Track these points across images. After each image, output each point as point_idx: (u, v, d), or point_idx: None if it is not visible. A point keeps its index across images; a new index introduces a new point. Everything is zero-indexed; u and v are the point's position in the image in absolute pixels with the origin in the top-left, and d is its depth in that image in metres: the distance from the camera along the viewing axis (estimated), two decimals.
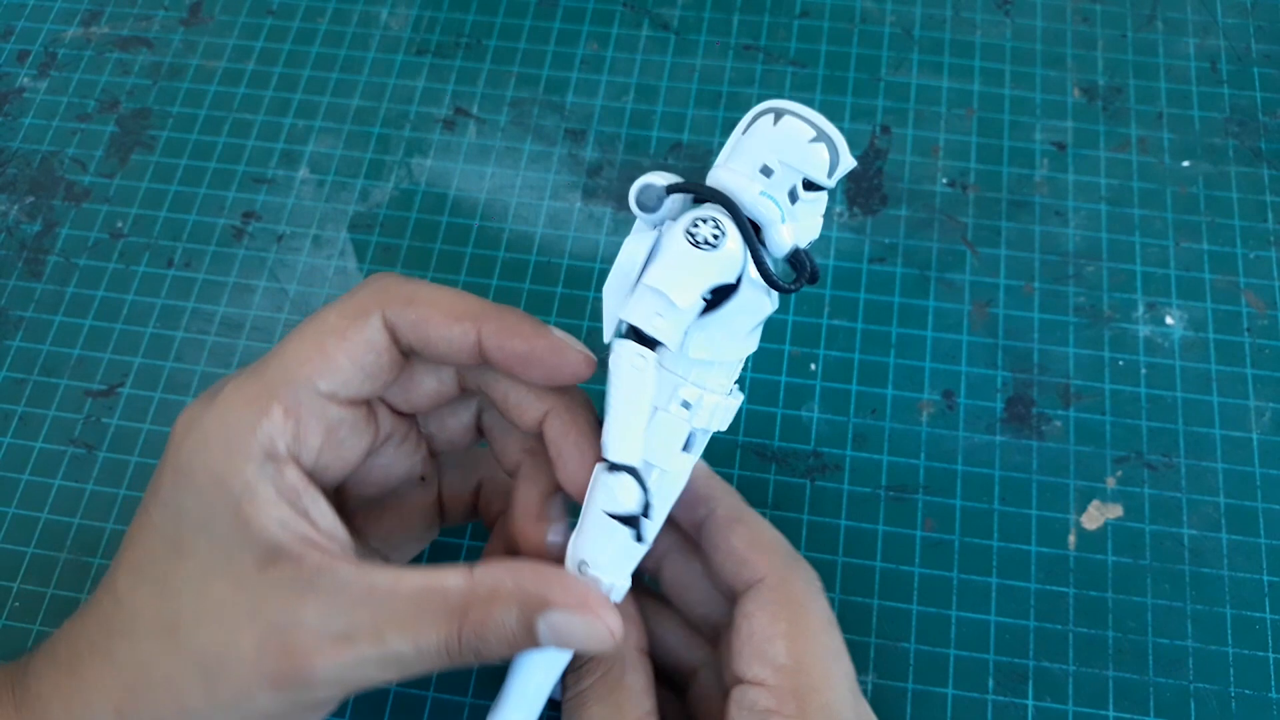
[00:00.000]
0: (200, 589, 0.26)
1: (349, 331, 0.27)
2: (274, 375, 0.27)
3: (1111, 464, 0.38)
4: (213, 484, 0.26)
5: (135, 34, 0.49)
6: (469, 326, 0.27)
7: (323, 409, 0.27)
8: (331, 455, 0.28)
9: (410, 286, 0.28)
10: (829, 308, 0.41)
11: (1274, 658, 0.35)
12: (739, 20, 0.48)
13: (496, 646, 0.26)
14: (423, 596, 0.26)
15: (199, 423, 0.26)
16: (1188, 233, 0.42)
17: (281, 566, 0.25)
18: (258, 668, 0.25)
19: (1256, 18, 0.47)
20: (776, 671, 0.26)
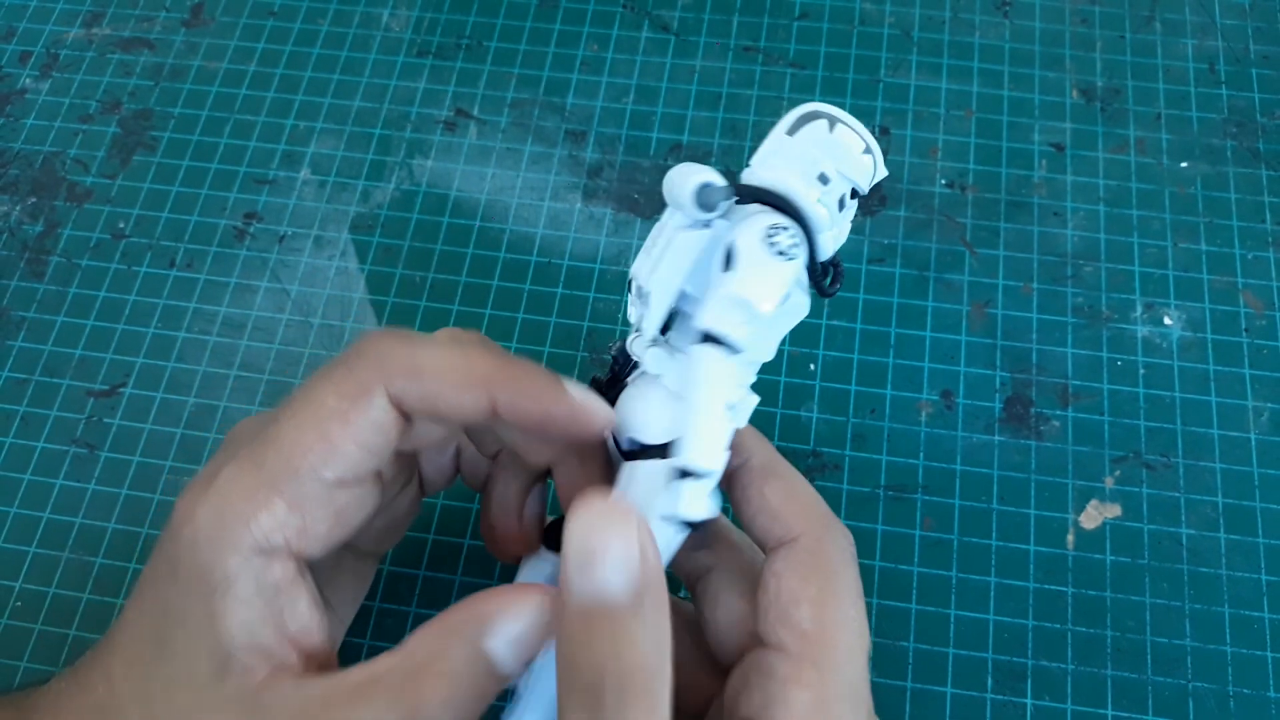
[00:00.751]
0: (170, 696, 0.24)
1: (351, 415, 0.25)
2: (275, 466, 0.25)
3: (1110, 464, 0.38)
4: (195, 577, 0.24)
5: (137, 35, 0.49)
6: (480, 394, 0.26)
7: (329, 497, 0.25)
8: (341, 534, 0.27)
9: (410, 352, 0.26)
10: (828, 308, 0.41)
11: (1272, 657, 0.35)
12: (738, 22, 0.48)
13: (460, 703, 0.23)
14: (361, 687, 0.23)
15: (194, 514, 0.25)
16: (1186, 233, 0.42)
17: (232, 678, 0.24)
18: None
19: (1255, 19, 0.47)
20: (800, 638, 0.25)
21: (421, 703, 0.23)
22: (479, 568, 0.37)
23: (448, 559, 0.37)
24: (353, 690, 0.23)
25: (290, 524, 0.25)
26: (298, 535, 0.25)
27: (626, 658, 0.22)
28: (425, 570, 0.37)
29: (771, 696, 0.24)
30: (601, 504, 0.23)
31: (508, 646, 0.23)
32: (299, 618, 0.25)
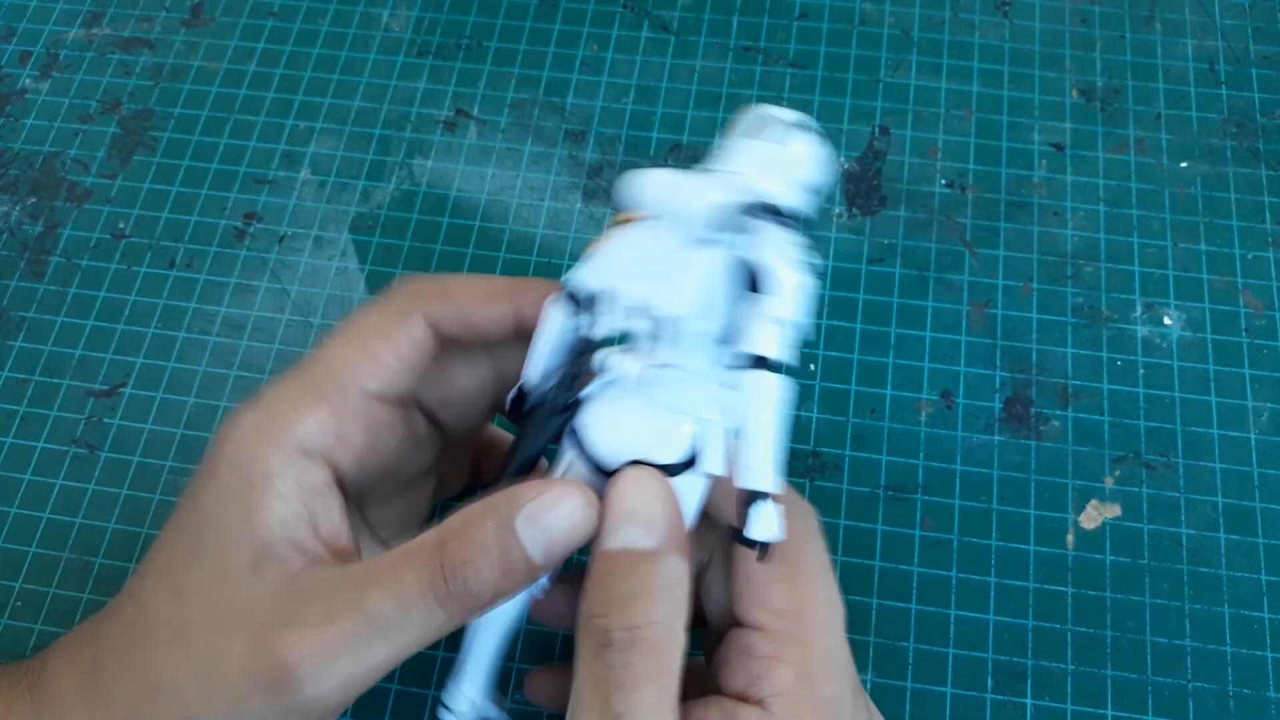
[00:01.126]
0: (205, 590, 0.26)
1: (393, 332, 0.27)
2: (319, 376, 0.27)
3: (1110, 464, 0.38)
4: (235, 476, 0.26)
5: (137, 35, 0.49)
6: (505, 305, 0.28)
7: (369, 410, 0.27)
8: (374, 457, 0.28)
9: (441, 282, 0.29)
10: (828, 308, 0.41)
11: (1272, 657, 0.35)
12: (738, 22, 0.48)
13: (485, 573, 0.24)
14: (396, 556, 0.25)
15: (237, 422, 0.27)
16: (1186, 233, 0.42)
17: (270, 568, 0.25)
18: (246, 673, 0.24)
19: (1254, 19, 0.47)
20: (776, 616, 0.25)
21: (451, 565, 0.24)
22: None
23: None
24: (389, 561, 0.25)
25: (330, 429, 0.26)
26: (337, 442, 0.27)
27: (639, 607, 0.23)
28: None
29: (756, 674, 0.25)
30: (640, 472, 0.25)
31: (537, 533, 0.24)
32: (332, 522, 0.26)
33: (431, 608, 0.24)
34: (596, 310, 0.26)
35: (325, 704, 0.25)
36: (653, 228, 0.26)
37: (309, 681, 0.24)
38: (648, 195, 0.26)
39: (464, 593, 0.24)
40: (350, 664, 0.24)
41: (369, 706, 0.35)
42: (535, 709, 0.34)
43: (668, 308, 0.25)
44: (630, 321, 0.25)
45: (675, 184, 0.25)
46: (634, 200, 0.26)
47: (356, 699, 0.26)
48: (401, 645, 0.24)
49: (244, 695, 0.25)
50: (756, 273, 0.25)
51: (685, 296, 0.25)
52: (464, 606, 0.24)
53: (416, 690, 0.35)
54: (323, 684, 0.24)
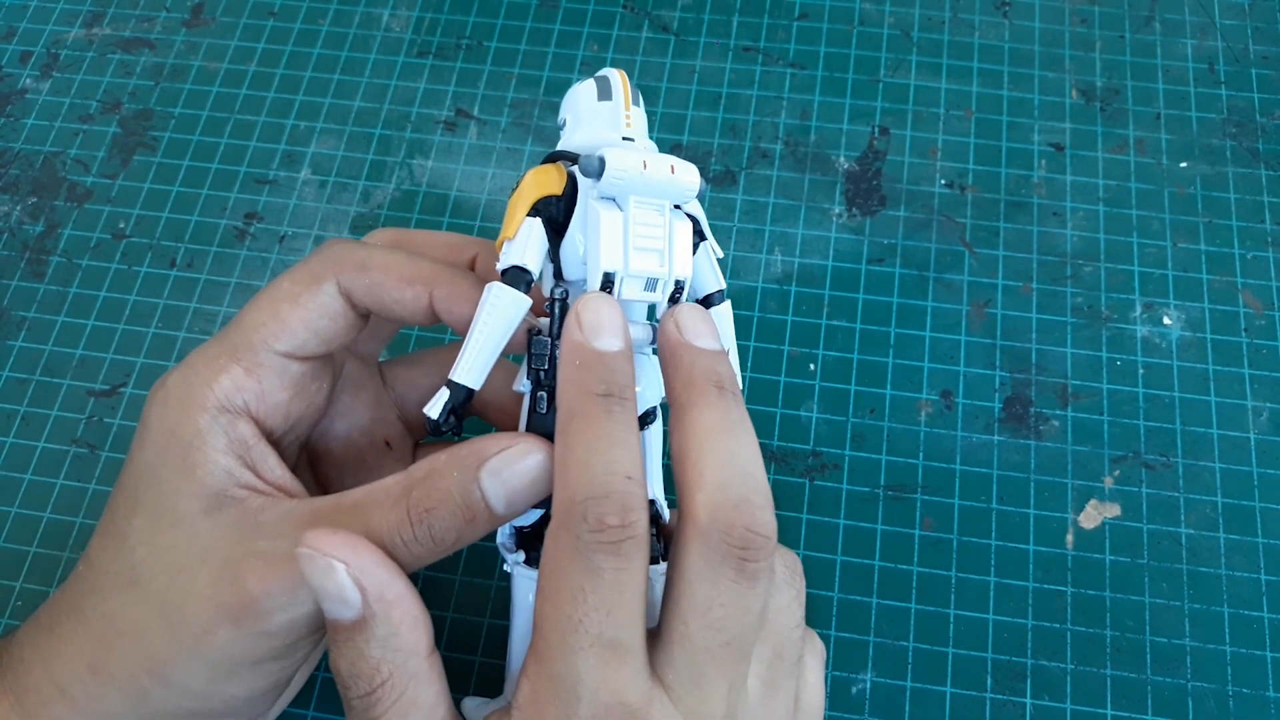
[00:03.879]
0: (152, 538, 0.26)
1: (302, 297, 0.28)
2: (234, 339, 0.28)
3: (1109, 463, 0.38)
4: (166, 435, 0.27)
5: (137, 35, 0.49)
6: (420, 290, 0.28)
7: (283, 367, 0.28)
8: (300, 407, 0.29)
9: (363, 252, 0.29)
10: (828, 308, 0.41)
11: (1271, 656, 0.35)
12: (738, 22, 0.48)
13: (449, 520, 0.25)
14: (366, 496, 0.26)
15: (163, 384, 0.28)
16: (1185, 233, 0.42)
17: (227, 510, 0.26)
18: (213, 603, 0.25)
19: (1254, 19, 0.47)
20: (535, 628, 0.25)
21: (416, 511, 0.25)
22: (480, 567, 0.37)
23: (449, 560, 0.37)
24: (355, 501, 0.26)
25: (249, 388, 0.28)
26: (256, 400, 0.28)
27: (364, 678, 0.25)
28: (426, 571, 0.37)
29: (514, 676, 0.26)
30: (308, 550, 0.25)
31: (499, 485, 0.25)
32: (271, 469, 0.28)
33: (395, 549, 0.25)
34: (613, 288, 0.27)
35: (293, 629, 0.26)
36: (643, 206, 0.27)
37: (277, 608, 0.25)
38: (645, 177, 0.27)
39: (427, 537, 0.25)
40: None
41: None
42: None
43: (681, 272, 0.27)
44: (646, 294, 0.27)
45: (664, 165, 0.27)
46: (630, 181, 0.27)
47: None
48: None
49: (211, 626, 0.25)
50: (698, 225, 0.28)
51: (687, 259, 0.27)
52: (427, 550, 0.25)
53: None
54: (291, 610, 0.25)
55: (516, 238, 0.27)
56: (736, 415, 0.25)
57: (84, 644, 0.26)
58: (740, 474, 0.25)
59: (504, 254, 0.27)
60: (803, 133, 0.45)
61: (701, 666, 0.24)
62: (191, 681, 0.26)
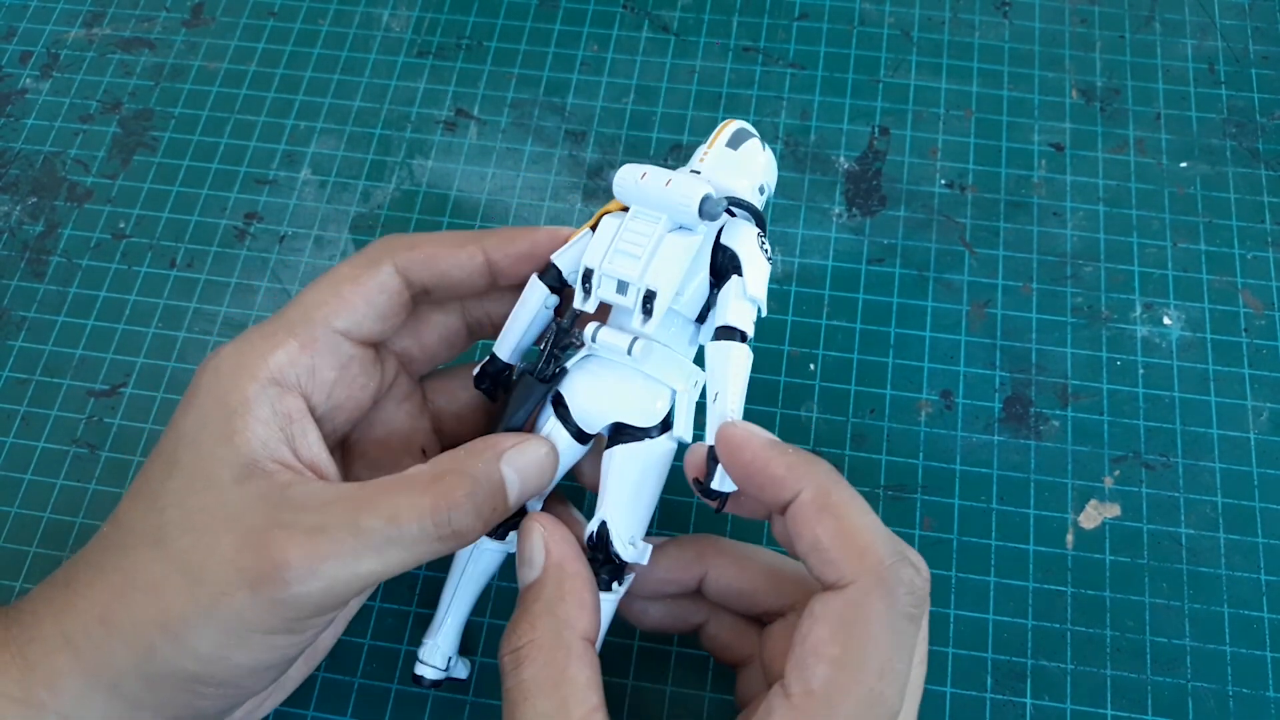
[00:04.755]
0: (183, 500, 0.27)
1: (362, 278, 0.30)
2: (292, 315, 0.29)
3: (1109, 464, 0.38)
4: (214, 403, 0.28)
5: (137, 35, 0.49)
6: (474, 249, 0.31)
7: (337, 345, 0.30)
8: (343, 392, 0.30)
9: (410, 236, 0.31)
10: (828, 308, 0.41)
11: (1271, 656, 0.35)
12: (738, 22, 0.48)
13: (472, 506, 0.27)
14: (391, 483, 0.27)
15: (216, 355, 0.29)
16: (1185, 233, 0.42)
17: (256, 481, 0.27)
18: (235, 566, 0.25)
19: (1254, 19, 0.47)
20: (805, 694, 0.24)
21: (447, 493, 0.27)
22: None
23: (447, 560, 0.37)
24: (384, 486, 0.27)
25: (302, 363, 0.29)
26: (308, 375, 0.29)
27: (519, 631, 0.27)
28: (425, 570, 0.37)
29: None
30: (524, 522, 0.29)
31: (515, 472, 0.28)
32: (309, 446, 0.29)
33: (426, 532, 0.26)
34: (590, 285, 0.29)
35: (309, 602, 0.26)
36: (639, 217, 0.29)
37: (296, 580, 0.25)
38: (640, 187, 0.29)
39: (448, 528, 0.26)
40: (338, 569, 0.26)
41: (368, 705, 0.35)
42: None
43: (654, 283, 0.28)
44: (618, 296, 0.28)
45: (663, 179, 0.28)
46: (628, 191, 0.29)
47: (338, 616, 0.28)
48: (388, 562, 0.26)
49: (230, 589, 0.25)
50: (728, 257, 0.29)
51: (669, 274, 0.28)
52: (449, 535, 0.27)
53: (418, 691, 0.35)
54: (310, 583, 0.25)
55: (571, 241, 0.30)
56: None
57: (98, 596, 0.27)
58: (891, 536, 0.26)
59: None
60: (803, 133, 0.45)
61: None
62: (201, 643, 0.26)
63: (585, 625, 0.27)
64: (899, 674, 0.24)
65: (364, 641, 0.36)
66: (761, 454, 0.26)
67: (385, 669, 0.35)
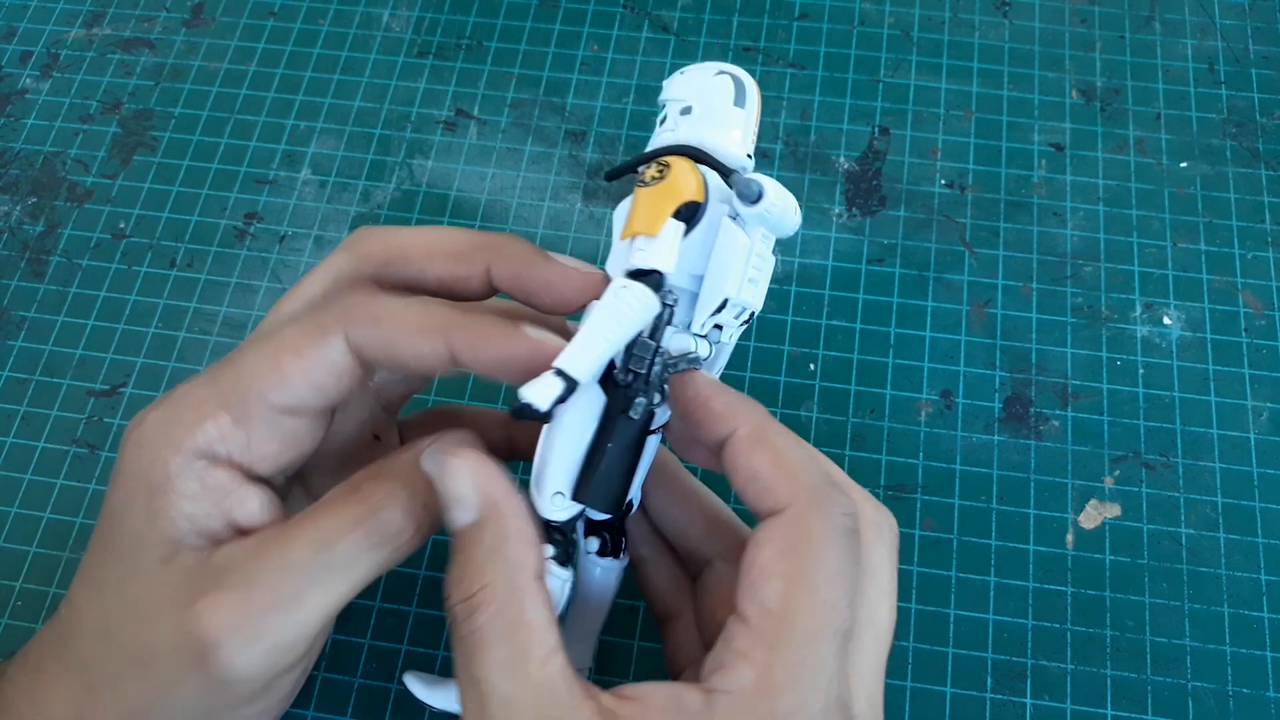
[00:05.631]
0: (121, 588, 0.26)
1: (307, 351, 0.26)
2: (227, 384, 0.26)
3: (1109, 463, 0.38)
4: (136, 479, 0.26)
5: (137, 35, 0.49)
6: (438, 341, 0.26)
7: (276, 421, 0.27)
8: (290, 455, 0.27)
9: (373, 303, 0.27)
10: (828, 308, 0.41)
11: (1272, 656, 0.35)
12: (738, 22, 0.48)
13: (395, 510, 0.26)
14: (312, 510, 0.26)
15: (140, 423, 0.26)
16: (1185, 233, 0.42)
17: (181, 557, 0.25)
18: (176, 652, 0.25)
19: (1254, 19, 0.47)
20: (762, 614, 0.24)
21: (366, 499, 0.25)
22: None
23: (447, 560, 0.37)
24: (305, 516, 0.25)
25: (235, 439, 0.26)
26: (242, 450, 0.26)
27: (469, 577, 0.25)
28: (425, 570, 0.37)
29: (722, 663, 0.24)
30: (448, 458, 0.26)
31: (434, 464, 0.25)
32: (249, 513, 0.26)
33: (358, 545, 0.25)
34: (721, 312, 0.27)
35: (257, 671, 0.25)
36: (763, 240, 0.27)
37: (234, 649, 0.24)
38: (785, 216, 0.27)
39: (377, 530, 0.25)
40: (276, 622, 0.24)
41: (368, 707, 0.35)
42: None
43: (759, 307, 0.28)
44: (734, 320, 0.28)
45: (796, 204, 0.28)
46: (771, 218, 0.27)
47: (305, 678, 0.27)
48: (332, 592, 0.25)
49: (176, 676, 0.25)
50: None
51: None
52: (384, 542, 0.25)
53: None
54: (251, 650, 0.24)
55: (662, 238, 0.26)
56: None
57: (67, 691, 0.26)
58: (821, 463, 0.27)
59: (642, 251, 0.26)
60: (803, 133, 0.45)
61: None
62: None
63: (534, 563, 0.25)
64: (847, 585, 0.25)
65: (364, 641, 0.36)
66: (703, 390, 0.27)
67: (385, 669, 0.35)
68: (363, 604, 0.36)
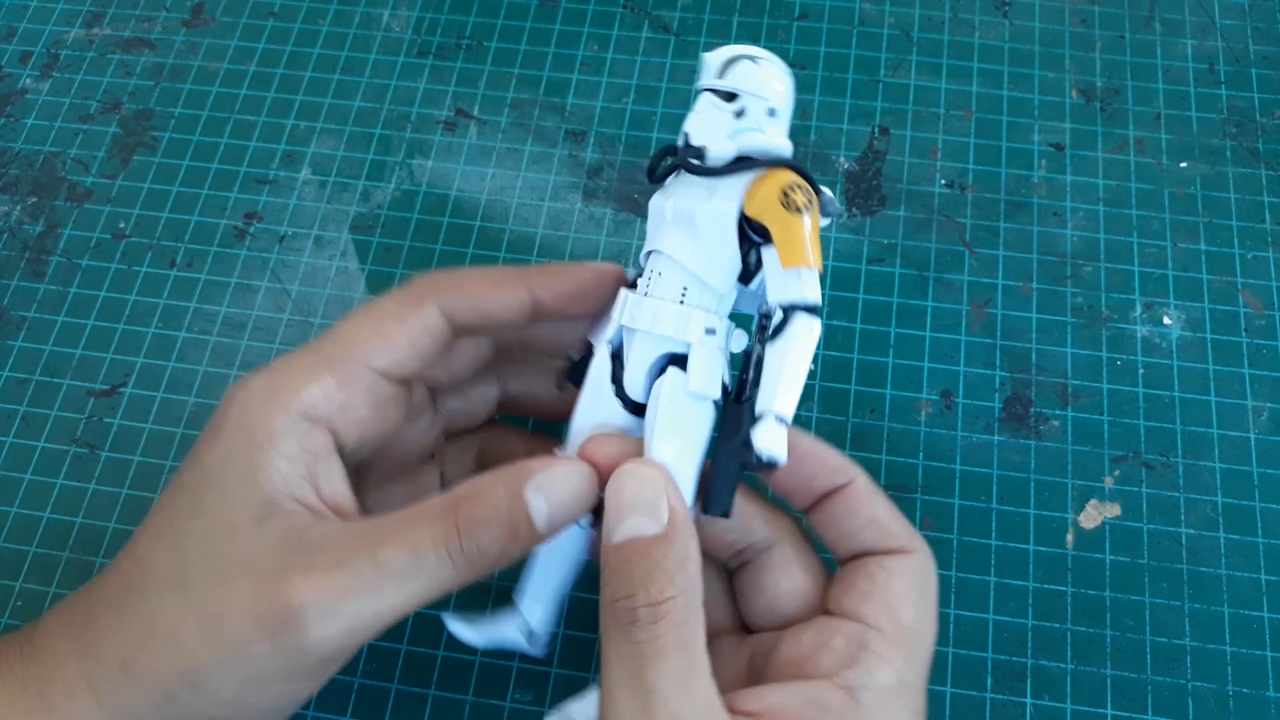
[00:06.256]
0: (207, 544, 0.26)
1: (407, 317, 0.29)
2: (331, 350, 0.28)
3: (1109, 463, 0.38)
4: (240, 435, 0.27)
5: (137, 35, 0.49)
6: (520, 289, 0.30)
7: (375, 385, 0.29)
8: (375, 428, 0.29)
9: (456, 274, 0.30)
10: (828, 308, 0.41)
11: (1272, 656, 0.35)
12: (738, 22, 0.48)
13: (495, 533, 0.26)
14: (409, 514, 0.26)
15: (245, 385, 0.28)
16: (1185, 233, 0.42)
17: (275, 521, 0.26)
18: (253, 615, 0.25)
19: (1254, 19, 0.47)
20: (897, 628, 0.27)
21: (464, 524, 0.26)
22: None
23: None
24: (401, 518, 0.26)
25: (336, 400, 0.28)
26: (340, 412, 0.28)
27: (658, 584, 0.25)
28: None
29: (858, 662, 0.26)
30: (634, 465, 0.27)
31: (542, 500, 0.26)
32: (334, 485, 0.28)
33: (443, 561, 0.26)
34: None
35: (328, 647, 0.26)
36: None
37: (315, 624, 0.25)
38: None
39: (474, 550, 0.26)
40: (357, 608, 0.25)
41: (369, 706, 0.35)
42: (537, 708, 0.34)
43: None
44: None
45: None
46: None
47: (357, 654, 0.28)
48: (410, 595, 0.26)
49: (249, 639, 0.25)
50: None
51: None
52: (472, 564, 0.26)
53: (418, 690, 0.35)
54: (328, 626, 0.25)
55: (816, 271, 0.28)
56: None
57: (120, 642, 0.26)
58: None
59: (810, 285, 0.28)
60: (803, 133, 0.45)
61: None
62: (221, 690, 0.26)
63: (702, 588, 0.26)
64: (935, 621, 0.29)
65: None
66: (817, 445, 0.30)
67: (385, 669, 0.35)
68: None
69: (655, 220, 0.29)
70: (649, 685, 0.24)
